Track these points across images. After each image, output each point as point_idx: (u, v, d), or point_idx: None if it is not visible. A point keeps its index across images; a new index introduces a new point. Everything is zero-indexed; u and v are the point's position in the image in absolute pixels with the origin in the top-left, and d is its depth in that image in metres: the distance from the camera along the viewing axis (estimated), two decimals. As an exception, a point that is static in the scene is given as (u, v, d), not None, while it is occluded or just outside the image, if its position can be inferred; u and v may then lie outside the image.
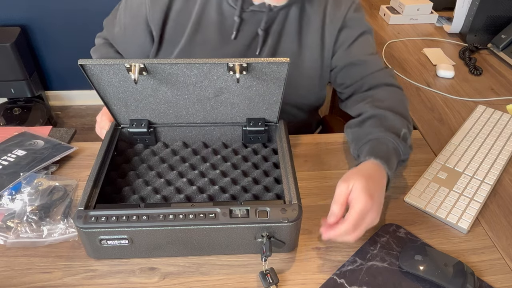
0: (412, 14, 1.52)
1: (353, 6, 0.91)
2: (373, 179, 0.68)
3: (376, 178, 0.69)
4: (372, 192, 0.65)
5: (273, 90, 0.74)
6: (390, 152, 0.75)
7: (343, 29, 0.91)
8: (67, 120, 2.49)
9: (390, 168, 0.72)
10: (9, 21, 2.24)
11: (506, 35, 1.32)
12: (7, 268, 0.67)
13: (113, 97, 0.75)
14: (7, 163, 0.83)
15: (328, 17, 0.90)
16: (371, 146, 0.76)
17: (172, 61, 0.67)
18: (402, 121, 0.81)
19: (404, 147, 0.77)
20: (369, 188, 0.65)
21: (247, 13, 0.88)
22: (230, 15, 0.88)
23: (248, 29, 0.89)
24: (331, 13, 0.90)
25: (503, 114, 1.03)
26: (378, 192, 0.67)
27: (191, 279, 0.65)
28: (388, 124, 0.80)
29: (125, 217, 0.62)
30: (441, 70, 1.22)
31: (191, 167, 0.79)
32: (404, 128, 0.80)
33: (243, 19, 0.88)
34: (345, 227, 0.63)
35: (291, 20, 0.89)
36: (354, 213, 0.63)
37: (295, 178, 0.70)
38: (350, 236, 0.64)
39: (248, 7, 0.87)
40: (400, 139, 0.77)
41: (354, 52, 0.92)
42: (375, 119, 0.82)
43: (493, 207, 0.80)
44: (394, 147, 0.76)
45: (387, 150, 0.74)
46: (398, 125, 0.80)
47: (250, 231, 0.64)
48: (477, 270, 0.68)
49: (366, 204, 0.63)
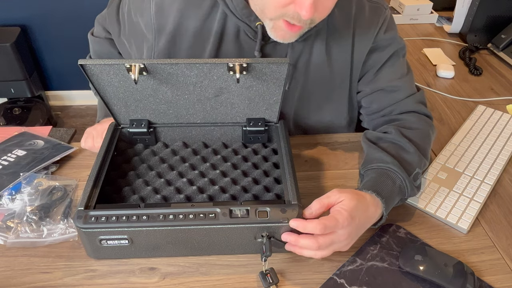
0: (412, 14, 1.52)
1: (385, 23, 0.84)
2: (364, 209, 0.66)
3: (367, 210, 0.66)
4: (355, 217, 0.63)
5: (273, 90, 0.74)
6: (395, 190, 0.71)
7: (374, 51, 0.85)
8: (67, 120, 2.49)
9: (388, 208, 0.69)
10: (9, 21, 2.24)
11: (506, 35, 1.32)
12: (7, 268, 0.67)
13: (113, 97, 0.75)
14: (7, 163, 0.83)
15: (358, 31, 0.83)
16: (377, 177, 0.71)
17: (172, 61, 0.67)
18: (420, 160, 0.76)
19: (411, 189, 0.72)
20: (356, 210, 0.63)
21: (269, 45, 0.80)
22: (250, 49, 0.80)
23: None
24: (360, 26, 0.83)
25: (503, 114, 1.03)
26: (360, 221, 0.64)
27: (191, 279, 0.65)
28: (405, 159, 0.74)
29: (125, 217, 0.62)
30: (441, 70, 1.22)
31: (191, 167, 0.79)
32: (419, 168, 0.75)
33: (264, 54, 0.81)
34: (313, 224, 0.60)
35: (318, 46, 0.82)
36: (328, 218, 0.61)
37: (295, 178, 0.70)
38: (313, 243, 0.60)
39: (269, 39, 0.77)
40: (410, 178, 0.72)
41: (384, 77, 0.86)
42: (395, 145, 0.77)
43: (493, 207, 0.80)
44: (401, 186, 0.72)
45: (391, 189, 0.70)
46: (414, 163, 0.74)
47: (250, 231, 0.64)
48: (477, 270, 0.68)
49: (343, 221, 0.61)
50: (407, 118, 0.84)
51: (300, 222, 0.62)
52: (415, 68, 1.25)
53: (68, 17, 2.26)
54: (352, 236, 0.65)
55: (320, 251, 0.62)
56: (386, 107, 0.88)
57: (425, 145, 0.80)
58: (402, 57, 0.89)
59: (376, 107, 0.89)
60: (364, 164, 0.77)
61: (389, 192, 0.70)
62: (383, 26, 0.85)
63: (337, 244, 0.63)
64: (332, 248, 0.63)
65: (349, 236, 0.64)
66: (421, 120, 0.84)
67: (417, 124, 0.83)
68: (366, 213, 0.66)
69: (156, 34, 0.82)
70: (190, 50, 0.82)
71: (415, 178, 0.74)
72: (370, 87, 0.88)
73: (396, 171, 0.71)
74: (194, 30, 0.81)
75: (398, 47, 0.87)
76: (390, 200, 0.70)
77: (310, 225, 0.60)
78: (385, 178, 0.71)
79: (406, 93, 0.87)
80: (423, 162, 0.77)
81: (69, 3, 2.21)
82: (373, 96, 0.88)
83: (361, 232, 0.67)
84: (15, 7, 2.21)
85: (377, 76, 0.87)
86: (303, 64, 0.84)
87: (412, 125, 0.82)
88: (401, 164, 0.73)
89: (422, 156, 0.77)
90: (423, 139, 0.80)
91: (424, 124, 0.83)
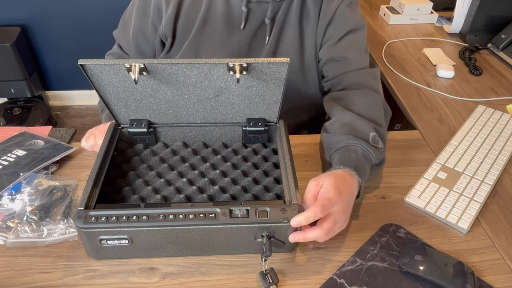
0: (412, 14, 1.52)
1: (346, 0, 0.92)
2: (344, 181, 0.69)
3: (347, 182, 0.69)
4: (341, 190, 0.66)
5: (273, 90, 0.74)
6: (360, 159, 0.75)
7: (331, 23, 0.93)
8: (67, 120, 2.49)
9: (362, 176, 0.72)
10: (9, 21, 2.24)
11: (506, 35, 1.32)
12: (7, 268, 0.67)
13: (113, 97, 0.75)
14: (7, 163, 0.83)
15: (323, 9, 0.92)
16: (341, 155, 0.76)
17: (172, 61, 0.67)
18: (370, 125, 0.80)
19: (375, 152, 0.76)
20: (338, 185, 0.66)
21: (253, 3, 0.91)
22: (237, 6, 0.91)
23: (254, 19, 0.92)
24: (325, 5, 0.92)
25: (503, 114, 1.03)
26: (347, 192, 0.68)
27: (191, 279, 0.65)
28: (356, 130, 0.79)
29: (125, 217, 0.62)
30: (441, 70, 1.22)
31: (191, 167, 0.79)
32: (372, 131, 0.79)
33: (250, 9, 0.91)
34: (311, 211, 0.61)
35: (293, 9, 0.92)
36: (320, 199, 0.64)
37: (295, 178, 0.70)
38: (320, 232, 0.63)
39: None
40: (369, 144, 0.77)
41: (339, 48, 0.93)
42: (343, 125, 0.82)
43: (493, 207, 0.80)
44: (364, 153, 0.76)
45: (356, 158, 0.75)
46: (366, 130, 0.79)
47: (250, 231, 0.64)
48: (477, 270, 0.68)
49: (334, 197, 0.64)
50: (350, 94, 0.90)
51: (301, 217, 0.62)
52: (415, 68, 1.25)
53: (68, 17, 2.26)
54: (346, 209, 0.68)
55: (328, 236, 0.65)
56: (336, 76, 0.94)
57: (371, 113, 0.84)
58: (361, 36, 0.96)
59: (330, 76, 0.96)
60: (327, 152, 0.81)
61: (356, 161, 0.74)
62: (344, 2, 0.92)
63: (338, 223, 0.66)
64: (336, 228, 0.66)
65: (344, 210, 0.67)
66: (364, 95, 0.89)
67: (359, 99, 0.88)
68: (347, 184, 0.69)
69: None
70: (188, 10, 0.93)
71: (374, 141, 0.78)
72: (326, 55, 0.95)
73: (354, 143, 0.76)
74: None
75: (357, 25, 0.94)
76: (360, 169, 0.73)
77: (310, 213, 0.62)
78: (348, 153, 0.76)
79: (358, 65, 0.94)
80: (373, 126, 0.81)
81: (69, 3, 2.21)
82: (328, 65, 0.96)
83: (351, 204, 0.70)
84: (15, 7, 2.21)
85: (334, 46, 0.94)
86: (280, 22, 0.93)
87: (354, 101, 0.87)
88: (355, 136, 0.77)
89: (370, 122, 0.81)
90: (368, 109, 0.85)
91: (366, 98, 0.88)
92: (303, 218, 0.62)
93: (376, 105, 0.88)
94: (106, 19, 2.20)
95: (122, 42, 1.02)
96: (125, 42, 1.02)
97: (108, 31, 1.65)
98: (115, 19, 1.05)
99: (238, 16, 0.92)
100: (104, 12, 2.24)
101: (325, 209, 0.63)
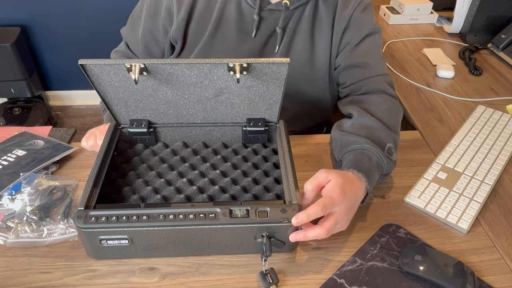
0: (412, 14, 1.52)
1: (360, 6, 0.92)
2: (352, 184, 0.69)
3: (355, 185, 0.69)
4: (346, 191, 0.66)
5: (273, 90, 0.74)
6: (373, 166, 0.74)
7: (348, 29, 0.92)
8: (67, 120, 2.49)
9: (371, 183, 0.72)
10: (9, 21, 2.24)
11: (506, 35, 1.32)
12: (7, 268, 0.66)
13: (113, 97, 0.75)
14: (7, 163, 0.83)
15: (337, 16, 0.92)
16: (354, 157, 0.75)
17: (172, 61, 0.67)
18: (389, 134, 0.81)
19: (388, 163, 0.76)
20: (345, 187, 0.66)
21: (265, 11, 0.91)
22: (249, 14, 0.91)
23: (266, 27, 0.92)
24: (339, 12, 0.91)
25: (503, 114, 1.03)
26: (352, 195, 0.67)
27: (191, 279, 0.65)
28: (375, 135, 0.79)
29: (125, 217, 0.62)
30: (441, 70, 1.22)
31: (191, 167, 0.79)
32: (390, 142, 0.79)
33: (261, 17, 0.91)
34: (313, 209, 0.62)
35: (305, 18, 0.92)
36: (324, 198, 0.64)
37: (295, 178, 0.70)
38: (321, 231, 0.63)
39: (266, 6, 0.90)
40: (385, 153, 0.77)
41: (358, 53, 0.93)
42: (362, 126, 0.82)
43: (493, 207, 0.80)
44: (378, 161, 0.75)
45: (369, 165, 0.74)
46: (384, 139, 0.79)
47: (250, 231, 0.64)
48: (477, 270, 0.68)
49: (338, 197, 0.64)
50: (373, 98, 0.90)
51: (302, 215, 0.62)
52: (415, 68, 1.25)
53: (68, 17, 2.26)
54: (348, 211, 0.67)
55: (328, 235, 0.65)
56: (355, 82, 0.94)
57: (391, 121, 0.85)
58: (378, 41, 0.96)
59: (349, 82, 0.95)
60: (340, 150, 0.81)
61: (368, 167, 0.74)
62: (359, 6, 0.92)
63: (339, 223, 0.66)
64: (336, 228, 0.66)
65: (347, 211, 0.66)
66: (386, 100, 0.90)
67: (382, 103, 0.88)
68: (354, 188, 0.69)
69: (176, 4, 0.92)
70: (200, 15, 0.92)
71: (389, 152, 0.78)
72: (345, 62, 0.94)
73: (370, 148, 0.76)
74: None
75: (373, 30, 0.94)
76: (370, 176, 0.73)
77: (311, 210, 0.62)
78: (362, 157, 0.75)
79: (376, 71, 0.93)
80: (392, 137, 0.81)
81: (69, 3, 2.21)
82: (346, 71, 0.95)
83: (355, 207, 0.70)
84: (15, 7, 2.21)
85: (352, 51, 0.93)
86: (291, 30, 0.93)
87: (376, 104, 0.88)
88: (373, 141, 0.77)
89: (390, 131, 0.82)
90: (389, 116, 0.85)
91: (388, 103, 0.89)
92: (304, 215, 0.62)
93: (395, 111, 0.88)
94: (106, 19, 2.20)
95: (130, 41, 1.02)
96: (133, 41, 1.01)
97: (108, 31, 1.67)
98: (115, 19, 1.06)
99: (250, 23, 0.92)
100: (104, 12, 2.24)
101: (326, 208, 0.63)
